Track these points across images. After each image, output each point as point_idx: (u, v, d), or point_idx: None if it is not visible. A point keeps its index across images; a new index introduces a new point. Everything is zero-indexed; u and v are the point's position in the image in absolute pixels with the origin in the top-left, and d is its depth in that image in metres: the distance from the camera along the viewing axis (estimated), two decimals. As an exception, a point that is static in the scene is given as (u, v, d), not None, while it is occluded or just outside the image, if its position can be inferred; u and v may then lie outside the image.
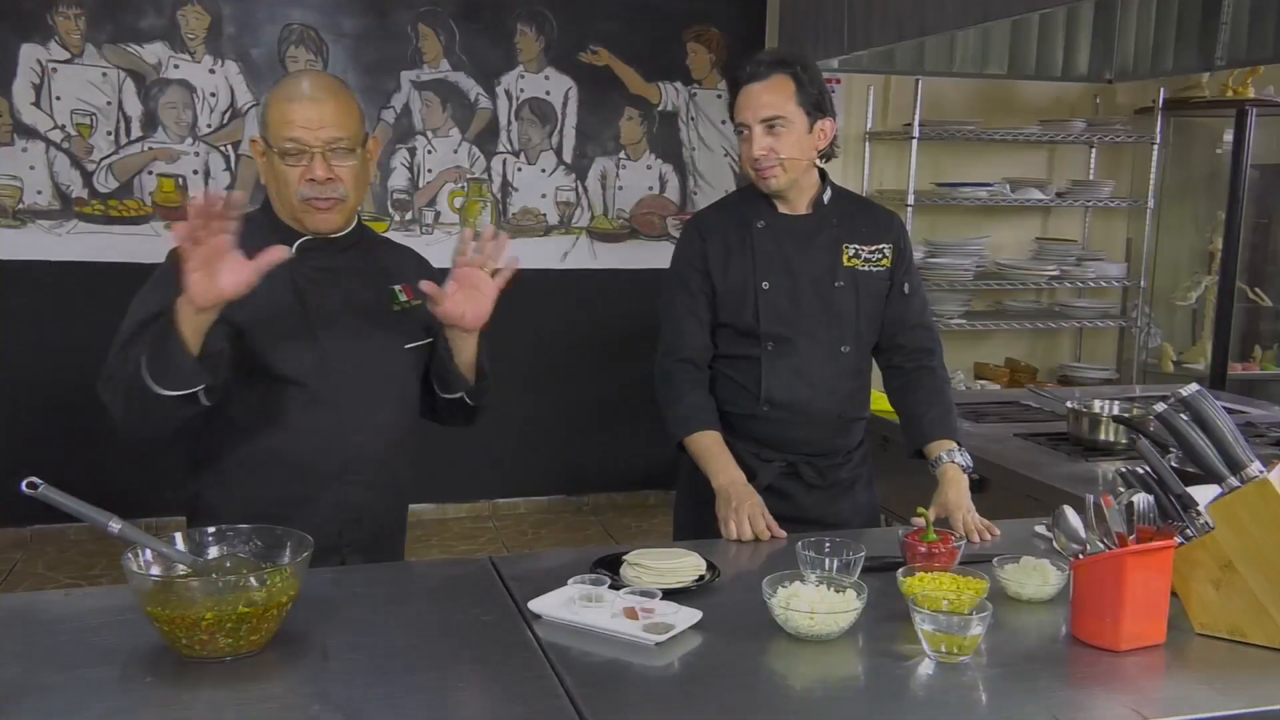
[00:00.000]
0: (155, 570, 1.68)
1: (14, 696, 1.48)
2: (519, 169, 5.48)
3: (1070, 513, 1.84)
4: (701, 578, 1.92)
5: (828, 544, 1.93)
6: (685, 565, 1.92)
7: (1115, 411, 3.10)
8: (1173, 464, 2.01)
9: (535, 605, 1.78)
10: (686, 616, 1.74)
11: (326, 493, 2.07)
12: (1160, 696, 1.60)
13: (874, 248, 2.49)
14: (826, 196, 2.49)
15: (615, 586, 1.84)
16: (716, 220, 2.52)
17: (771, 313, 2.43)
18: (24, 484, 1.64)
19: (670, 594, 1.80)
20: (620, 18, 5.45)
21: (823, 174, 2.50)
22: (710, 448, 2.38)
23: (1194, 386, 1.78)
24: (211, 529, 1.76)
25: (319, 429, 2.05)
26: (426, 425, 2.29)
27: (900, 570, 1.85)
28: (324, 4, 5.14)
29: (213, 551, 1.74)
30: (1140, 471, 1.80)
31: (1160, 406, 1.77)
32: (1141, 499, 1.79)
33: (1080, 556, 1.76)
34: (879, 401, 2.74)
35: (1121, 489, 1.86)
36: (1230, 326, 5.16)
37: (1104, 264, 5.87)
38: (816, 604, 1.72)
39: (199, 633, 1.55)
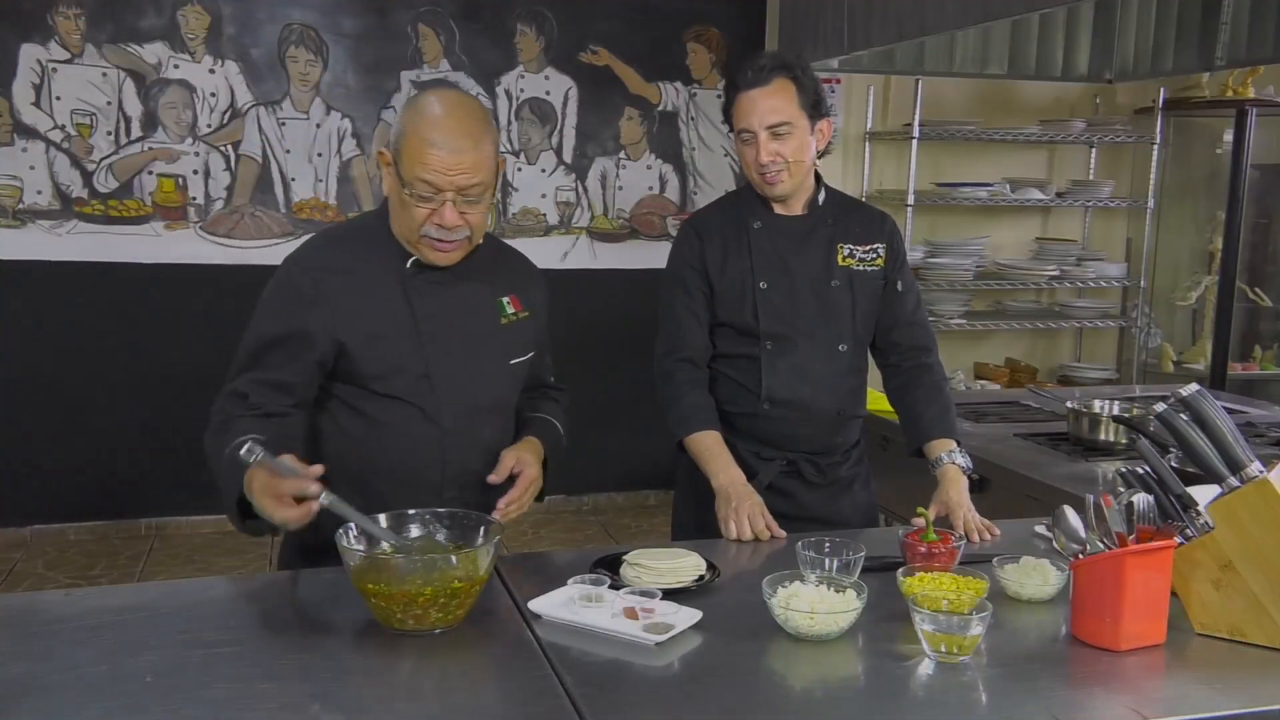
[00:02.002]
0: (361, 548, 1.77)
1: (14, 696, 1.48)
2: (519, 169, 5.48)
3: (1070, 513, 1.84)
4: (701, 578, 1.92)
5: (828, 544, 1.93)
6: (685, 565, 1.92)
7: (1115, 411, 3.10)
8: (1173, 464, 2.01)
9: (535, 605, 1.78)
10: (686, 616, 1.74)
11: (424, 505, 2.03)
12: (1160, 696, 1.60)
13: (868, 247, 2.50)
14: (821, 197, 2.50)
15: (615, 586, 1.84)
16: (713, 220, 2.52)
17: (770, 312, 2.44)
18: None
19: (670, 594, 1.80)
20: (620, 18, 5.45)
21: (817, 175, 2.51)
22: (710, 447, 2.38)
23: (1194, 386, 1.78)
24: (411, 510, 1.87)
25: (424, 446, 2.04)
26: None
27: (900, 570, 1.85)
28: (324, 4, 5.14)
29: (414, 530, 1.86)
30: (1140, 471, 1.80)
31: (1160, 406, 1.77)
32: (1141, 499, 1.79)
33: (1080, 556, 1.76)
34: (877, 401, 2.74)
35: (1121, 489, 1.86)
36: (1230, 326, 5.16)
37: (1104, 264, 5.87)
38: (816, 604, 1.72)
39: (415, 607, 1.66)
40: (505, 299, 2.16)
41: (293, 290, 2.03)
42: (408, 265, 2.04)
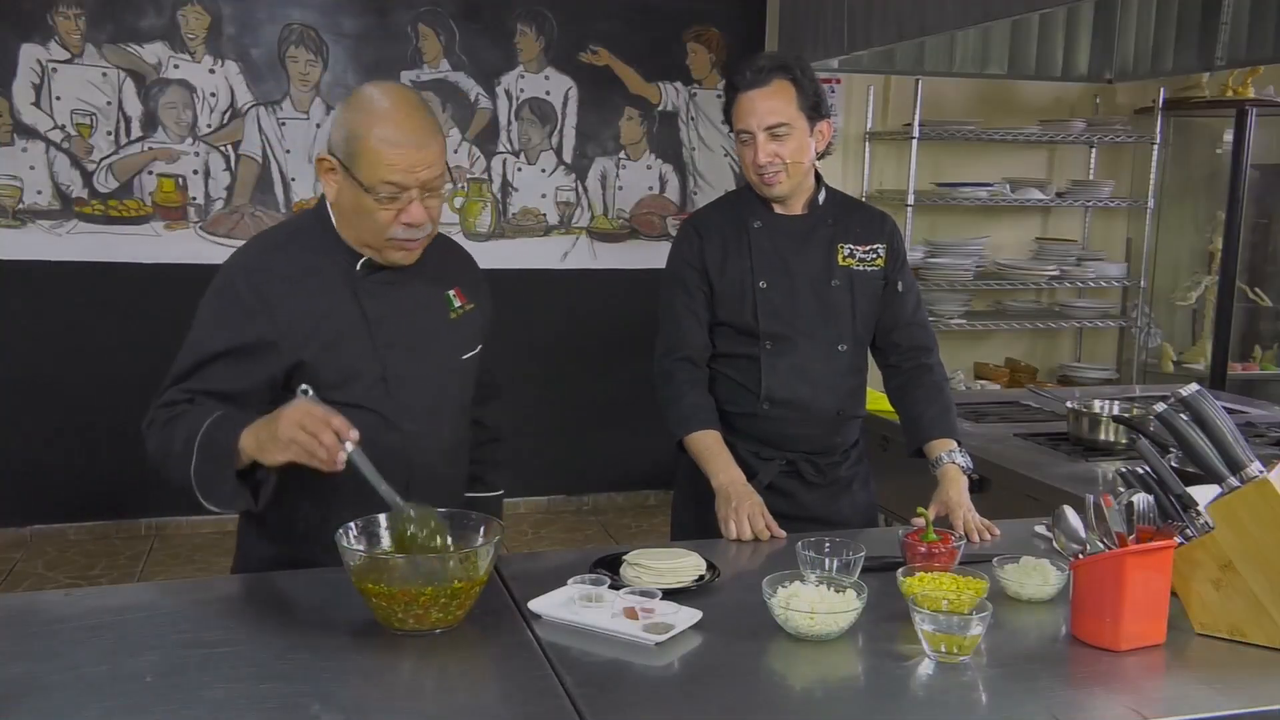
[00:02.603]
0: (361, 548, 1.77)
1: (14, 696, 1.48)
2: (519, 169, 5.48)
3: (1070, 513, 1.84)
4: (701, 578, 1.92)
5: (828, 544, 1.92)
6: (685, 565, 1.92)
7: (1115, 411, 3.10)
8: (1173, 464, 2.01)
9: (535, 605, 1.78)
10: (686, 616, 1.74)
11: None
12: (1160, 696, 1.60)
13: (868, 248, 2.50)
14: (821, 197, 2.50)
15: (615, 586, 1.84)
16: (713, 220, 2.53)
17: (770, 312, 2.44)
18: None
19: (670, 594, 1.80)
20: (620, 18, 5.45)
21: (817, 175, 2.51)
22: (710, 447, 2.38)
23: (1194, 386, 1.78)
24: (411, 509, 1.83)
25: (384, 451, 1.96)
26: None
27: (900, 570, 1.85)
28: (324, 4, 5.14)
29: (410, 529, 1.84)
30: (1140, 471, 1.80)
31: (1160, 406, 1.77)
32: (1141, 499, 1.79)
33: (1080, 556, 1.76)
34: (877, 401, 2.74)
35: (1121, 489, 1.86)
36: (1230, 326, 5.16)
37: (1104, 264, 5.87)
38: (816, 604, 1.72)
39: (415, 607, 1.66)
40: (451, 292, 2.12)
41: (236, 300, 1.95)
42: (358, 267, 1.99)
